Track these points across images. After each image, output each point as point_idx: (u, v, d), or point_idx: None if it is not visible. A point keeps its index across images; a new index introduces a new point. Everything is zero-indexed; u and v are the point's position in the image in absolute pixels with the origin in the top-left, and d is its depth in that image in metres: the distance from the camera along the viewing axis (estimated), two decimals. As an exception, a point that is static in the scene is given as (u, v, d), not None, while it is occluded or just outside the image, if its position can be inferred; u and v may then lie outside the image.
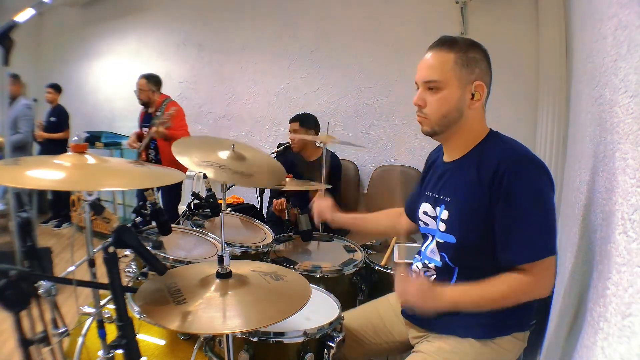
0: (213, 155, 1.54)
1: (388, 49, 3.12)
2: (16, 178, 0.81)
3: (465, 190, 1.08)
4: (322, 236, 2.00)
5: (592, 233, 0.98)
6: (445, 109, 1.07)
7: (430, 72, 1.08)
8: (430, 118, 1.10)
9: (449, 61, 1.05)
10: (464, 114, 1.08)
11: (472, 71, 1.06)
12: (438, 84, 1.06)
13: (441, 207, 1.14)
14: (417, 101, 1.11)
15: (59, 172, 0.85)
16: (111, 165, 0.97)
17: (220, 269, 0.97)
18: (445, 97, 1.06)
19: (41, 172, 0.86)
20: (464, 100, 1.07)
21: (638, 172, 0.66)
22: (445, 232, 1.12)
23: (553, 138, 2.39)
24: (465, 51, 1.06)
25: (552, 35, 2.38)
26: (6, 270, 0.79)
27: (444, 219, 1.12)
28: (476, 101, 1.07)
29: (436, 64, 1.07)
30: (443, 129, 1.11)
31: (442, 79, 1.06)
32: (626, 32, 0.80)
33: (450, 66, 1.05)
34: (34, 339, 0.98)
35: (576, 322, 0.96)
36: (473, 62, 1.06)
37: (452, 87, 1.06)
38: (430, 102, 1.08)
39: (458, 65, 1.05)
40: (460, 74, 1.06)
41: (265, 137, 3.90)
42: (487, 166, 1.03)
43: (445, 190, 1.15)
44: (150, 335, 1.26)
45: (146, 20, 4.62)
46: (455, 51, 1.06)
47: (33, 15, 1.04)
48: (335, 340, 1.13)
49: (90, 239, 1.01)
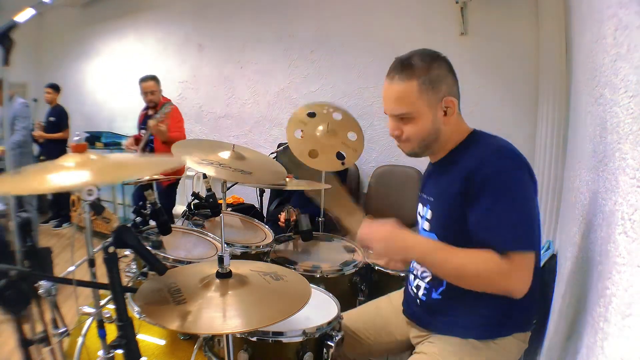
0: (213, 155, 1.54)
1: (388, 49, 3.11)
2: (42, 183, 0.79)
3: (444, 189, 1.09)
4: (322, 236, 2.00)
5: (592, 233, 0.98)
6: (422, 135, 1.08)
7: (398, 105, 1.07)
8: (410, 142, 1.10)
9: (414, 90, 1.03)
10: (441, 130, 1.09)
11: (439, 89, 1.04)
12: (409, 114, 1.06)
13: (427, 207, 1.16)
14: (392, 132, 1.11)
15: (80, 171, 0.82)
16: (117, 159, 0.98)
17: (220, 269, 0.97)
18: (419, 125, 1.06)
19: (62, 175, 0.82)
20: (438, 119, 1.07)
21: (638, 172, 0.66)
22: (429, 232, 1.14)
23: (553, 138, 2.38)
24: (427, 72, 1.03)
25: (552, 35, 2.38)
26: (6, 270, 0.79)
27: (428, 218, 1.14)
28: (450, 116, 1.07)
29: (401, 96, 1.05)
30: (423, 150, 1.12)
31: (411, 110, 1.05)
32: (626, 32, 0.80)
33: (416, 95, 1.03)
34: (34, 339, 0.98)
35: (576, 322, 0.96)
36: (437, 81, 1.04)
37: (423, 114, 1.05)
38: (406, 130, 1.08)
39: (423, 90, 1.03)
40: (428, 98, 1.04)
41: (265, 137, 3.90)
42: (464, 164, 1.04)
43: (429, 190, 1.17)
44: (150, 335, 1.26)
45: (146, 20, 4.62)
46: (416, 76, 1.03)
47: (33, 15, 1.04)
48: (334, 339, 1.13)
49: (90, 239, 1.01)
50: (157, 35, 4.53)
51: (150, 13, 4.57)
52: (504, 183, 0.97)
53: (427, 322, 1.18)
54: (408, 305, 1.26)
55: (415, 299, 1.21)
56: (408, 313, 1.25)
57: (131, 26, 4.76)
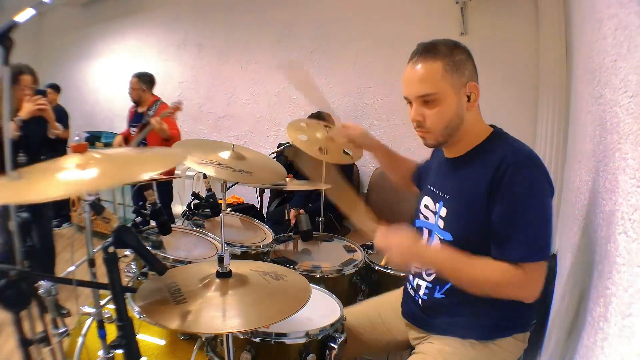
0: (213, 155, 1.54)
1: (388, 49, 3.13)
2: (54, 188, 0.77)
3: (465, 188, 1.07)
4: (322, 236, 2.00)
5: (592, 233, 0.98)
6: (446, 119, 1.04)
7: (422, 86, 1.03)
8: (432, 131, 1.06)
9: (438, 70, 1.01)
10: (464, 118, 1.06)
11: (463, 74, 1.03)
12: (434, 96, 1.02)
13: (440, 203, 1.13)
14: (415, 117, 1.06)
15: (89, 170, 0.80)
16: (121, 157, 0.97)
17: (220, 269, 0.97)
18: (444, 108, 1.03)
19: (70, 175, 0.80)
20: (462, 105, 1.05)
21: (638, 172, 0.66)
22: (443, 230, 1.11)
23: (553, 138, 2.38)
24: (450, 55, 1.02)
25: (552, 35, 2.38)
26: (6, 270, 0.79)
27: (443, 216, 1.12)
28: (473, 102, 1.06)
29: (426, 76, 1.03)
30: (447, 139, 1.08)
31: (436, 91, 1.02)
32: (626, 32, 0.80)
33: (441, 75, 1.01)
34: (34, 339, 0.98)
35: (576, 322, 0.96)
36: (461, 64, 1.03)
37: (448, 96, 1.02)
38: (429, 115, 1.05)
39: (448, 72, 1.02)
40: (452, 80, 1.02)
41: (265, 137, 3.90)
42: (489, 165, 1.01)
43: (445, 187, 1.14)
44: (150, 335, 1.27)
45: (146, 20, 4.62)
46: (440, 58, 1.02)
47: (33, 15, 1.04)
48: (337, 341, 1.13)
49: (90, 239, 1.01)
50: (157, 35, 4.53)
51: (151, 13, 4.57)
52: (533, 194, 0.97)
53: (427, 324, 1.17)
54: (407, 306, 1.26)
55: (414, 298, 1.21)
56: (407, 314, 1.25)
57: (131, 26, 4.76)
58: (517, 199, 0.97)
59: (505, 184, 0.97)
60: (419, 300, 1.19)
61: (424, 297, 1.17)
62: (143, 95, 3.30)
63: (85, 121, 5.07)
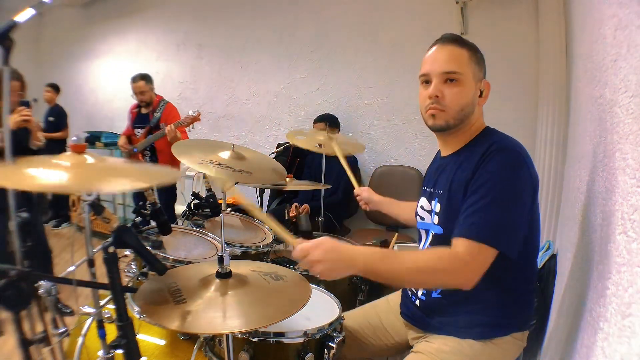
0: (213, 155, 1.54)
1: (388, 49, 3.13)
2: (12, 178, 0.77)
3: (455, 183, 1.08)
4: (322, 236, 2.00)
5: (592, 233, 0.98)
6: (464, 102, 1.07)
7: (450, 64, 1.06)
8: (448, 110, 1.07)
9: (465, 55, 1.07)
10: (474, 110, 1.10)
11: (482, 69, 1.10)
12: (458, 75, 1.05)
13: (435, 200, 1.15)
14: (434, 92, 1.06)
15: (60, 172, 0.81)
16: (109, 166, 0.95)
17: (220, 269, 0.97)
18: (464, 91, 1.07)
19: (41, 171, 0.81)
20: (476, 97, 1.09)
21: (638, 172, 0.66)
22: (437, 224, 1.13)
23: (553, 138, 2.38)
24: (474, 50, 1.09)
25: (552, 35, 2.38)
26: (6, 270, 0.79)
27: (437, 211, 1.13)
28: (484, 98, 1.11)
29: (454, 56, 1.07)
30: (457, 123, 1.09)
31: (462, 71, 1.06)
32: (626, 32, 0.80)
33: (467, 60, 1.07)
34: (34, 339, 0.98)
35: (576, 322, 0.96)
36: (481, 61, 1.10)
37: (469, 81, 1.07)
38: (448, 94, 1.06)
39: (472, 61, 1.07)
40: (474, 69, 1.08)
41: (265, 137, 3.90)
42: (475, 156, 1.03)
43: (439, 184, 1.16)
44: (150, 335, 1.26)
45: (146, 20, 4.62)
46: (467, 48, 1.08)
47: (33, 15, 1.04)
48: (335, 340, 1.13)
49: (90, 239, 1.01)
50: (157, 35, 4.53)
51: (150, 13, 4.57)
52: (503, 176, 0.97)
53: (426, 323, 1.17)
54: (406, 307, 1.26)
55: (413, 299, 1.21)
56: (406, 315, 1.25)
57: (131, 26, 4.76)
58: (485, 179, 0.97)
59: (481, 167, 1.00)
60: (416, 300, 1.19)
61: (422, 297, 1.17)
62: (152, 96, 3.26)
63: (85, 121, 5.07)
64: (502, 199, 0.96)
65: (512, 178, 0.98)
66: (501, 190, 0.97)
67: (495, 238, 0.94)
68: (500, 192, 0.96)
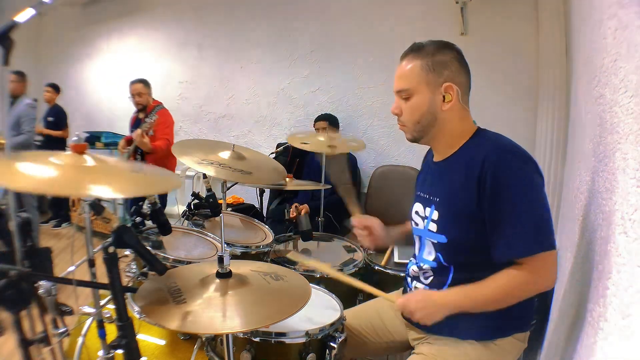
0: (213, 155, 1.54)
1: (388, 49, 3.12)
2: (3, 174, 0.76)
3: (453, 190, 1.08)
4: (322, 236, 2.00)
5: (592, 233, 0.98)
6: (417, 115, 1.10)
7: (400, 81, 1.11)
8: (407, 125, 1.13)
9: (416, 68, 1.08)
10: (439, 117, 1.09)
11: (440, 74, 1.07)
12: (408, 92, 1.09)
13: (431, 207, 1.15)
14: (393, 110, 1.14)
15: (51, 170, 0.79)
16: (106, 168, 0.90)
17: (220, 269, 0.97)
18: (415, 104, 1.09)
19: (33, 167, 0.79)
20: (436, 104, 1.08)
21: (638, 172, 0.66)
22: (437, 233, 1.12)
23: (553, 138, 2.38)
24: (432, 55, 1.07)
25: (552, 35, 2.38)
26: (6, 270, 0.79)
27: (435, 219, 1.13)
28: (448, 102, 1.08)
29: (405, 72, 1.10)
30: (421, 134, 1.13)
31: (410, 87, 1.09)
32: (626, 32, 0.80)
33: (417, 72, 1.08)
34: (34, 339, 0.98)
35: (576, 322, 0.96)
36: (440, 65, 1.07)
37: (421, 93, 1.08)
38: (404, 109, 1.12)
39: (424, 70, 1.07)
40: (427, 78, 1.07)
41: (265, 137, 3.90)
42: (473, 164, 1.03)
43: (435, 190, 1.16)
44: (150, 335, 1.27)
45: (146, 20, 4.61)
46: (422, 57, 1.08)
47: (33, 15, 1.04)
48: (337, 340, 1.13)
49: (90, 239, 1.01)
50: (157, 35, 4.53)
51: (151, 13, 4.56)
52: (521, 186, 0.98)
53: (426, 324, 1.17)
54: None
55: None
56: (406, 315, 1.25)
57: (131, 26, 4.76)
58: (504, 193, 0.98)
59: (490, 181, 0.99)
60: None
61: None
62: (149, 100, 3.27)
63: (85, 121, 5.06)
64: (531, 201, 0.98)
65: (527, 177, 0.99)
66: (524, 193, 0.98)
67: (545, 243, 0.97)
68: (525, 195, 0.98)
